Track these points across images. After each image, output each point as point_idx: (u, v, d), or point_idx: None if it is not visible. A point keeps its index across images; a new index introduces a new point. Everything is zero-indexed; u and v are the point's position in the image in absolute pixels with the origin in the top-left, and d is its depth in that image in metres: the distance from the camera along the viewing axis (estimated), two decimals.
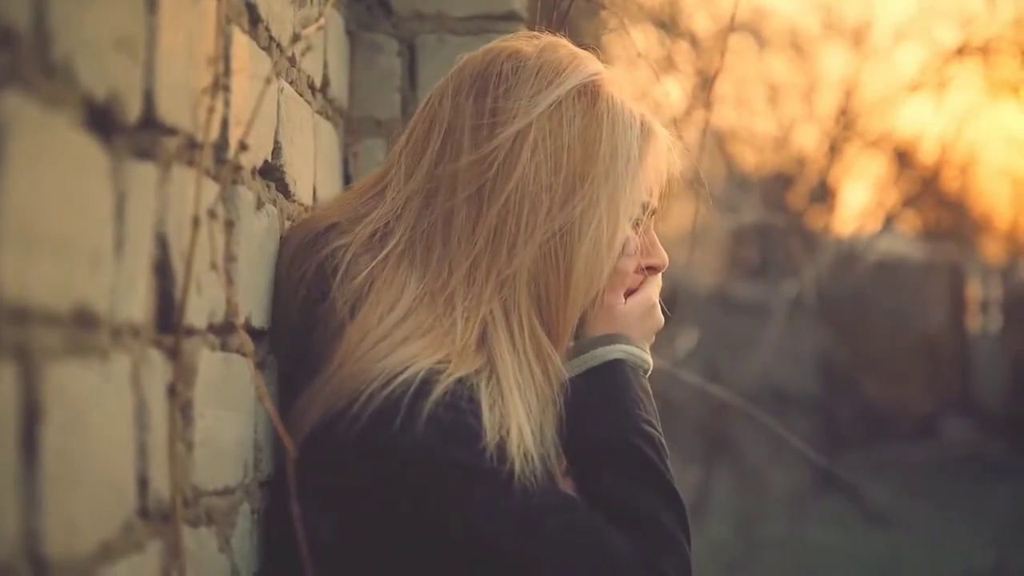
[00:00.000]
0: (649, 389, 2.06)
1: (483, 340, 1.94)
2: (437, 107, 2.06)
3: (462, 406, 1.86)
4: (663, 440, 2.01)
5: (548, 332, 1.99)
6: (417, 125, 2.07)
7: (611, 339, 2.05)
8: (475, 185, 1.97)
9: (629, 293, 2.11)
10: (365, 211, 2.04)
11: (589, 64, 2.06)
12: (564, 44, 2.08)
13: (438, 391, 1.84)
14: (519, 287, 1.97)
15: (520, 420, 1.90)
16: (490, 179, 1.97)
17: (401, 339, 1.89)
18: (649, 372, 2.09)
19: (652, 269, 2.12)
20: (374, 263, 1.96)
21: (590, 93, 2.02)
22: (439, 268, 1.96)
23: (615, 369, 2.04)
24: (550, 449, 1.94)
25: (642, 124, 2.04)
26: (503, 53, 2.06)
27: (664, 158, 2.09)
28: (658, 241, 2.13)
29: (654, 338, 2.13)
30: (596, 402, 2.00)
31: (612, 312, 2.07)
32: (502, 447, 1.86)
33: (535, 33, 2.13)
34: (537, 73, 2.02)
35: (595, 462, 1.97)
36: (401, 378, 1.85)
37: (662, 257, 2.13)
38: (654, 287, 2.13)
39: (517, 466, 1.86)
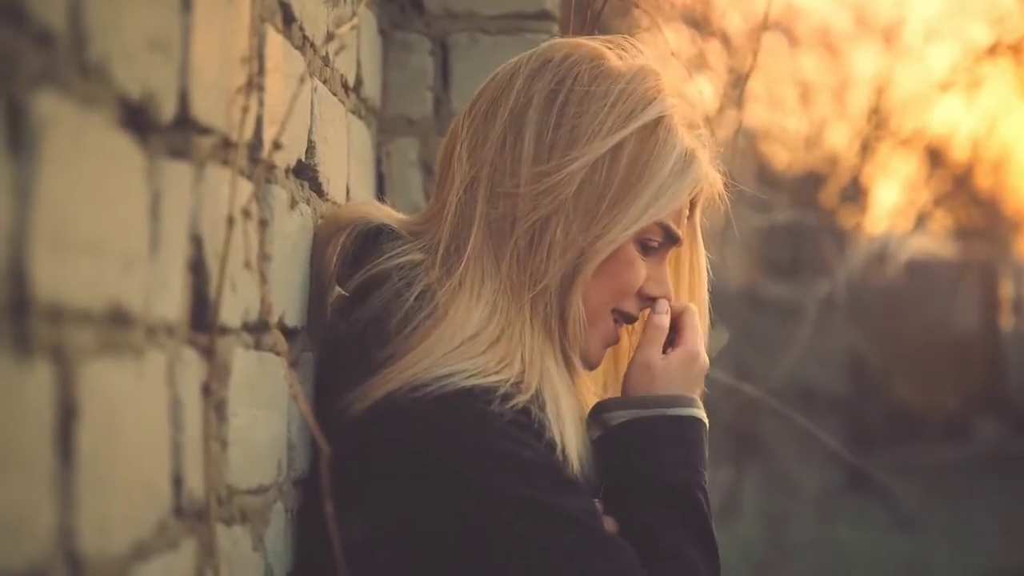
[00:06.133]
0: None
1: (532, 358, 1.94)
2: (506, 83, 2.05)
3: (518, 434, 1.87)
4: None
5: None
6: (482, 96, 2.07)
7: (692, 400, 2.06)
8: (535, 214, 1.98)
9: (668, 346, 2.10)
10: (426, 220, 2.06)
11: (665, 99, 2.04)
12: (652, 73, 2.06)
13: (494, 409, 1.86)
14: (552, 307, 1.98)
15: (571, 446, 1.91)
16: (547, 206, 1.98)
17: (468, 354, 1.90)
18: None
19: (652, 300, 2.08)
20: (446, 287, 1.96)
21: (652, 126, 2.02)
22: (499, 288, 1.97)
23: (696, 426, 2.06)
24: (588, 474, 1.96)
25: (685, 153, 2.03)
26: (587, 56, 2.05)
27: (696, 188, 2.07)
28: (667, 277, 2.09)
29: (702, 385, 2.13)
30: (674, 447, 2.02)
31: (651, 369, 2.06)
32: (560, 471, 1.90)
33: (627, 41, 2.11)
34: (616, 102, 2.01)
35: (655, 498, 1.98)
36: (458, 386, 1.86)
37: (665, 291, 2.08)
38: (693, 337, 2.10)
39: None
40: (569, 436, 1.91)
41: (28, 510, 1.11)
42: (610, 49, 2.07)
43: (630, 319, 2.08)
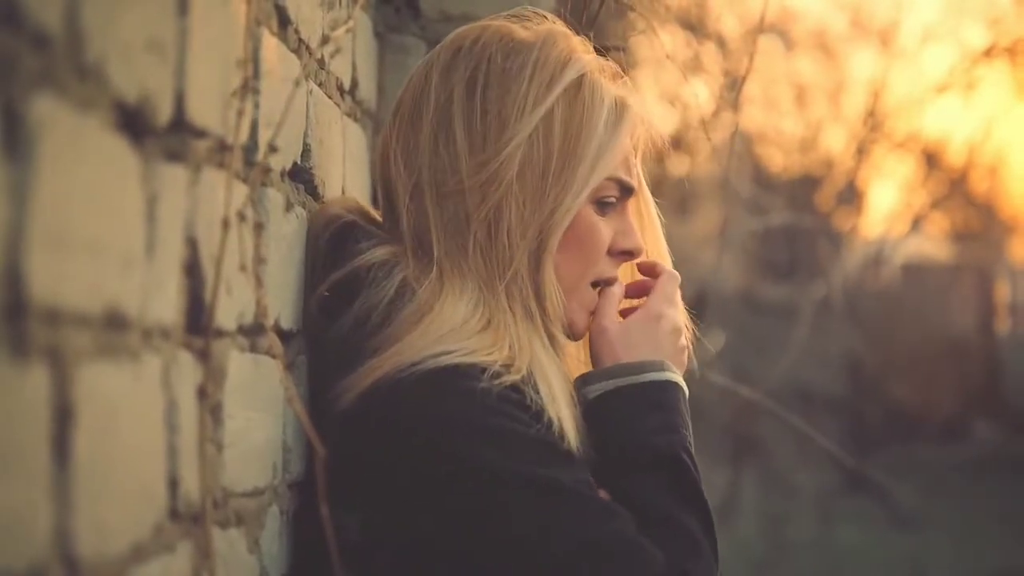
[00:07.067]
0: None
1: (521, 344, 1.94)
2: (423, 83, 2.05)
3: (509, 410, 1.86)
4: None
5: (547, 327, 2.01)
6: (403, 102, 2.07)
7: (661, 364, 2.04)
8: (485, 205, 1.98)
9: (627, 313, 2.11)
10: (384, 224, 2.06)
11: (580, 58, 2.04)
12: (561, 35, 2.06)
13: (483, 385, 1.85)
14: (526, 290, 1.98)
15: (568, 426, 1.91)
16: (494, 193, 1.98)
17: (456, 338, 1.90)
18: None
19: (626, 254, 2.08)
20: (426, 286, 1.96)
21: (575, 87, 2.02)
22: (475, 284, 1.97)
23: (671, 389, 2.03)
24: (586, 451, 1.95)
25: (615, 104, 2.03)
26: (495, 36, 2.05)
27: (635, 133, 2.07)
28: (635, 228, 2.09)
29: (684, 361, 2.11)
30: (650, 413, 2.00)
31: (607, 332, 2.06)
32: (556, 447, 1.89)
33: (528, 11, 2.11)
34: (534, 74, 2.01)
35: (638, 467, 1.97)
36: (443, 364, 1.86)
37: (636, 243, 2.08)
38: (656, 299, 2.10)
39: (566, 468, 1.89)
40: (566, 416, 1.91)
41: (25, 512, 1.11)
42: (515, 23, 2.07)
43: (609, 282, 2.08)
